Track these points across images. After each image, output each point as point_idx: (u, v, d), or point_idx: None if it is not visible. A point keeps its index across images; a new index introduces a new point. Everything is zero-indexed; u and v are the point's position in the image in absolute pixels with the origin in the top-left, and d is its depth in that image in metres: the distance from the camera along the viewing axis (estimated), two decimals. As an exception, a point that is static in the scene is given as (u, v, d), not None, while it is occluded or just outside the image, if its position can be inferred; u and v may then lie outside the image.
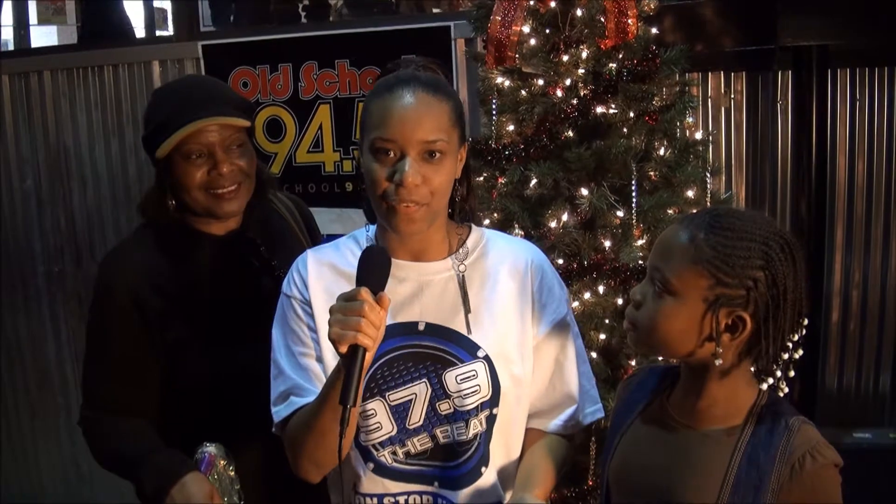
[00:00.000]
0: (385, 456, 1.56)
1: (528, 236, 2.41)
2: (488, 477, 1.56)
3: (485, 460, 1.55)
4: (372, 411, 1.54)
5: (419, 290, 1.56)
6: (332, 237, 2.12)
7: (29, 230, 3.99)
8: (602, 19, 2.43)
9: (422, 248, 1.57)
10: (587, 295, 2.44)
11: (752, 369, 1.35)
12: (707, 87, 3.38)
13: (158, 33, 5.39)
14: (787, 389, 1.32)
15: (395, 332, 1.54)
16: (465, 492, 1.55)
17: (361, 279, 1.38)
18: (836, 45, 3.09)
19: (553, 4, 2.48)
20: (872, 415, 3.45)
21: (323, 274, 1.59)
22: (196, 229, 1.88)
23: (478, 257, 1.61)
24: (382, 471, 1.57)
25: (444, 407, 1.53)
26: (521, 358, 1.57)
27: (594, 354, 2.48)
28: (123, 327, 1.82)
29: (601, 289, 2.44)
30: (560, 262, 2.42)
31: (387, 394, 1.53)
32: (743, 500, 1.28)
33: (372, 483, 1.58)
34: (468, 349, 1.53)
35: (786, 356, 1.31)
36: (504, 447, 1.58)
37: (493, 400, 1.54)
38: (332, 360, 1.50)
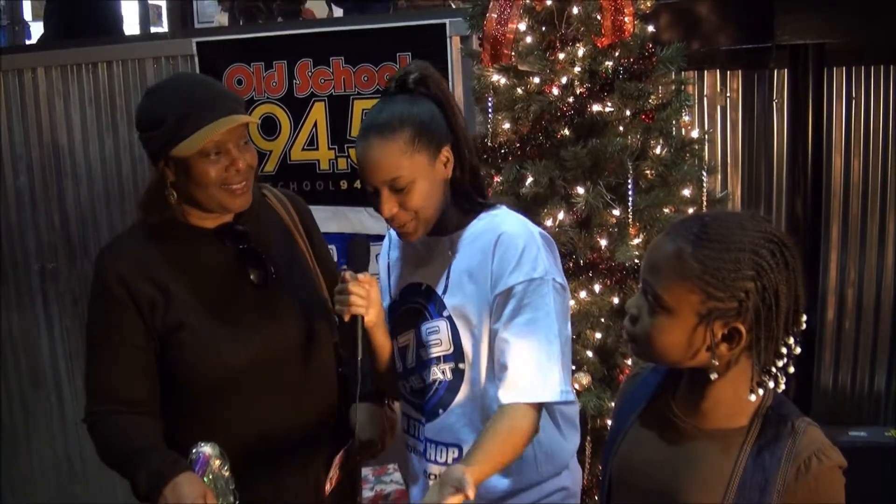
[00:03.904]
0: (402, 386, 1.92)
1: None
2: (445, 419, 1.81)
3: (442, 404, 1.81)
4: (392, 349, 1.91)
5: (430, 258, 1.83)
6: (327, 235, 2.12)
7: (23, 227, 3.96)
8: (598, 17, 2.43)
9: (437, 228, 1.81)
10: (583, 294, 2.44)
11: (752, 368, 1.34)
12: (703, 86, 3.38)
13: (153, 30, 5.39)
14: (783, 386, 1.32)
15: (410, 291, 1.86)
16: (429, 426, 1.85)
17: (347, 265, 1.76)
18: (833, 43, 3.10)
19: (549, 2, 2.48)
20: (868, 413, 3.46)
21: (389, 237, 1.98)
22: (188, 223, 1.87)
23: (471, 231, 1.80)
24: (403, 397, 1.94)
25: (422, 353, 1.82)
26: (481, 322, 1.75)
27: (590, 353, 2.49)
28: (122, 318, 1.81)
29: (597, 288, 2.44)
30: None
31: (397, 337, 1.88)
32: (748, 500, 1.28)
33: (403, 405, 1.96)
34: (438, 307, 1.79)
35: (785, 351, 1.30)
36: (471, 399, 1.79)
37: (457, 355, 1.78)
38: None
